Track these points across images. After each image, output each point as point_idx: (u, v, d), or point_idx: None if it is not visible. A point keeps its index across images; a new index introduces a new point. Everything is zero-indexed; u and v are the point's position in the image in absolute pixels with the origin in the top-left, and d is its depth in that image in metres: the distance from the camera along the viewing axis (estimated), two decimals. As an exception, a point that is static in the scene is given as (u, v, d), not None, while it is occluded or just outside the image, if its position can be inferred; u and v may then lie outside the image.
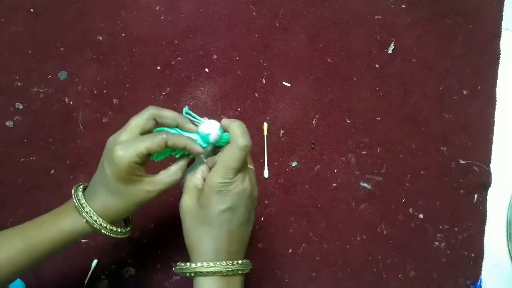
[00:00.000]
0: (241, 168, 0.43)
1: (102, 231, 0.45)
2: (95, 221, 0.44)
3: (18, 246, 0.44)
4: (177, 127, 0.47)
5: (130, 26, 0.72)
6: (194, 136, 0.47)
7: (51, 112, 0.69)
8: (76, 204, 0.45)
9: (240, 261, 0.44)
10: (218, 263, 0.42)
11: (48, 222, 0.46)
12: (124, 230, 0.48)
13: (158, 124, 0.47)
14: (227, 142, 0.47)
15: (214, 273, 0.42)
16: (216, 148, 0.49)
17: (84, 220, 0.44)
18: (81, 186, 0.47)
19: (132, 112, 0.68)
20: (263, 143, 0.68)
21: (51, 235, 0.45)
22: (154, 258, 0.65)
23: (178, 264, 0.45)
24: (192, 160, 0.49)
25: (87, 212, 0.44)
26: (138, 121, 0.45)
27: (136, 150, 0.42)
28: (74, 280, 0.64)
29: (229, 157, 0.43)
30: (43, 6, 0.72)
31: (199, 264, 0.42)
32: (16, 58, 0.70)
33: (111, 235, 0.46)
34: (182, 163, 0.47)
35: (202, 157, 0.48)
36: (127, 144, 0.43)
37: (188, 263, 0.43)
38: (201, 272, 0.42)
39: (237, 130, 0.43)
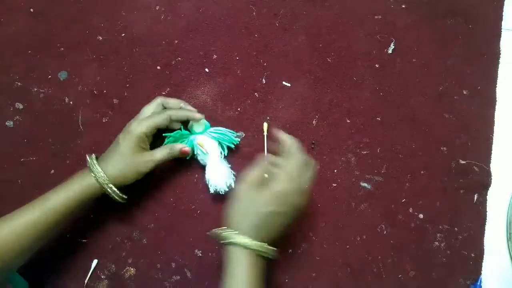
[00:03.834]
0: (300, 181, 0.53)
1: (106, 187, 0.55)
2: (101, 176, 0.55)
3: (32, 213, 0.53)
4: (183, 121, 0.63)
5: (130, 26, 0.72)
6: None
7: (51, 112, 0.69)
8: (89, 162, 0.56)
9: (272, 248, 0.52)
10: (255, 242, 0.50)
11: (62, 185, 0.56)
12: (123, 195, 0.59)
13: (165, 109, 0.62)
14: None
15: (251, 248, 0.50)
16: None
17: (93, 174, 0.55)
18: (94, 155, 0.58)
19: (132, 112, 0.69)
20: (263, 143, 0.68)
21: (62, 195, 0.54)
22: (154, 258, 0.65)
23: (223, 229, 0.52)
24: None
25: (96, 168, 0.56)
26: (149, 107, 0.62)
27: (147, 124, 0.58)
28: (74, 280, 0.64)
29: (291, 165, 0.53)
30: (43, 6, 0.72)
31: (242, 237, 0.50)
32: (16, 58, 0.70)
33: (112, 194, 0.57)
34: (170, 146, 0.61)
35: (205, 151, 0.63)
36: (140, 120, 0.59)
37: (236, 233, 0.50)
38: (244, 244, 0.49)
39: (295, 146, 0.55)
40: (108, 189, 0.56)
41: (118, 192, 0.57)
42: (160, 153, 0.59)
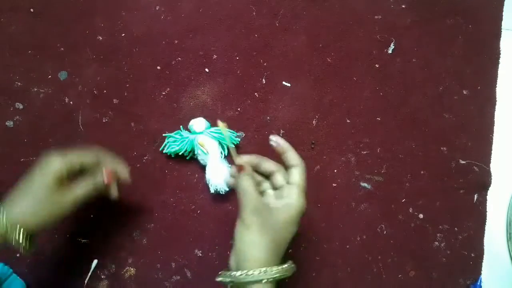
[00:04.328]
0: None
1: (9, 235, 0.44)
2: (4, 223, 0.44)
3: None
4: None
5: (130, 26, 0.72)
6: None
7: (51, 112, 0.69)
8: None
9: (292, 266, 0.46)
10: (276, 270, 0.43)
11: None
12: (28, 244, 0.46)
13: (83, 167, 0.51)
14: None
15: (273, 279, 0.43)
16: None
17: None
18: None
19: (132, 112, 0.69)
20: (263, 144, 0.68)
21: None
22: (154, 258, 0.65)
23: (243, 271, 0.43)
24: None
25: None
26: (78, 152, 0.50)
27: (69, 157, 0.48)
28: (74, 280, 0.64)
29: (303, 178, 0.47)
30: (43, 6, 0.72)
31: (263, 272, 0.42)
32: (16, 58, 0.70)
33: (15, 244, 0.45)
34: (89, 181, 0.50)
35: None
36: (62, 154, 0.49)
37: (256, 271, 0.42)
38: (264, 278, 0.42)
39: (297, 156, 0.49)
40: (8, 236, 0.44)
41: (20, 239, 0.44)
42: (82, 189, 0.49)
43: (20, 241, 0.45)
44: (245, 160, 0.49)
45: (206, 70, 0.71)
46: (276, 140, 0.48)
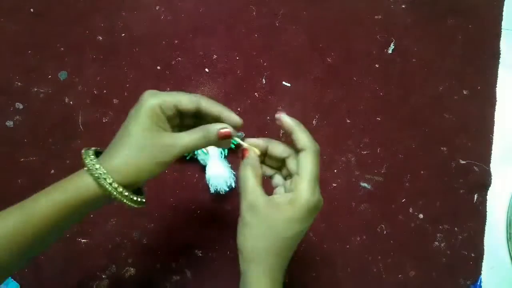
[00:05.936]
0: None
1: (107, 186, 0.38)
2: (98, 171, 0.38)
3: (14, 217, 0.39)
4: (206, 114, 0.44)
5: (130, 26, 0.72)
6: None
7: (51, 112, 0.69)
8: (87, 161, 0.39)
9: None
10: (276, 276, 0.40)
11: (56, 185, 0.41)
12: (136, 197, 0.41)
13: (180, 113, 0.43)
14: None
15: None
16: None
17: (92, 178, 0.38)
18: (92, 149, 0.41)
19: (132, 112, 0.68)
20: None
21: (53, 201, 0.40)
22: (154, 258, 0.65)
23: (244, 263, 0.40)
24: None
25: (90, 161, 0.39)
26: (173, 92, 0.43)
27: (165, 96, 0.41)
28: (74, 279, 0.64)
29: (313, 166, 0.41)
30: (43, 6, 0.72)
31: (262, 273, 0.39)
32: (16, 58, 0.70)
33: (119, 196, 0.39)
34: (203, 127, 0.42)
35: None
36: (159, 92, 0.42)
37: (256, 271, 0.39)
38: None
39: (306, 136, 0.43)
40: (112, 190, 0.38)
41: (126, 192, 0.39)
42: (190, 137, 0.41)
43: (120, 191, 0.39)
44: (251, 142, 0.42)
45: (206, 70, 0.71)
46: (280, 118, 0.42)
